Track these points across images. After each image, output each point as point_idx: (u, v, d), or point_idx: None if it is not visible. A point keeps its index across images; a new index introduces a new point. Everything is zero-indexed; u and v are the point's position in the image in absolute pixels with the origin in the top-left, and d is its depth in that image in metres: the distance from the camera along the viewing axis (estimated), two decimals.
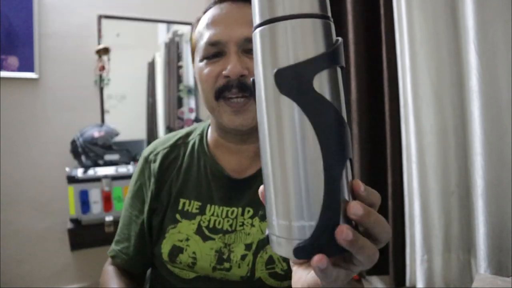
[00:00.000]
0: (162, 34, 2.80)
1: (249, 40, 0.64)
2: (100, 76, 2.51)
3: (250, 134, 0.71)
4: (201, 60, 0.68)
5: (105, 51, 2.47)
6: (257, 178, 0.73)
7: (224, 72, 0.65)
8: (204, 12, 0.72)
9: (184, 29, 2.67)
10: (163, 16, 2.60)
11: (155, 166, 0.78)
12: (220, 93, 0.66)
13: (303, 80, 0.30)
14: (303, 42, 0.30)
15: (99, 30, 2.51)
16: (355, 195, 0.33)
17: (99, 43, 2.50)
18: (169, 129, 2.67)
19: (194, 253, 0.71)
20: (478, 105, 0.89)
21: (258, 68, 0.32)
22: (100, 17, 2.51)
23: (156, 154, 0.79)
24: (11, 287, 2.19)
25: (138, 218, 0.78)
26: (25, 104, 2.33)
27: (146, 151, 0.82)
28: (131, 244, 0.79)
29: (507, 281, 0.67)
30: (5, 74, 2.24)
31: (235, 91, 0.65)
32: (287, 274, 0.69)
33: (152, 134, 2.71)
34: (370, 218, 0.32)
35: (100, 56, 2.48)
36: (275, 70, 0.30)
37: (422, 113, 1.05)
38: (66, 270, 2.38)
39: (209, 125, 0.81)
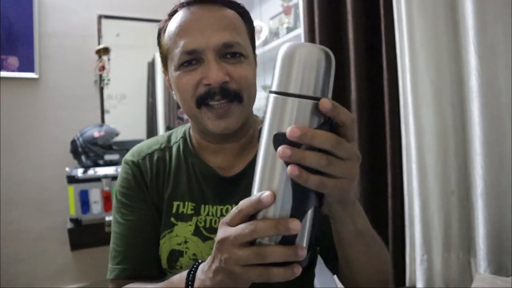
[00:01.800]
0: None
1: (226, 46, 0.63)
2: (100, 76, 2.51)
3: (231, 137, 0.70)
4: (177, 69, 0.66)
5: (105, 51, 2.47)
6: (246, 174, 0.72)
7: (205, 81, 0.63)
8: (170, 15, 0.69)
9: None
10: (163, 16, 2.59)
11: (146, 169, 0.76)
12: (202, 101, 0.64)
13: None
14: (297, 117, 0.39)
15: (99, 30, 2.51)
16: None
17: (99, 43, 2.50)
18: (169, 129, 2.67)
19: (194, 254, 0.70)
20: (478, 105, 0.89)
21: (265, 124, 0.41)
22: (100, 17, 2.51)
23: (144, 158, 0.77)
24: (11, 287, 2.19)
25: (145, 220, 0.74)
26: (25, 104, 2.33)
27: (130, 156, 0.79)
28: (143, 250, 0.73)
29: (507, 281, 0.67)
30: (5, 74, 2.24)
31: (219, 97, 0.64)
32: None
33: (152, 134, 2.71)
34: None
35: (100, 56, 2.48)
36: (274, 133, 0.40)
37: (422, 113, 1.05)
38: (66, 270, 2.39)
39: (190, 127, 0.79)
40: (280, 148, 0.38)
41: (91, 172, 2.18)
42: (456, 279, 1.04)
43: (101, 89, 2.53)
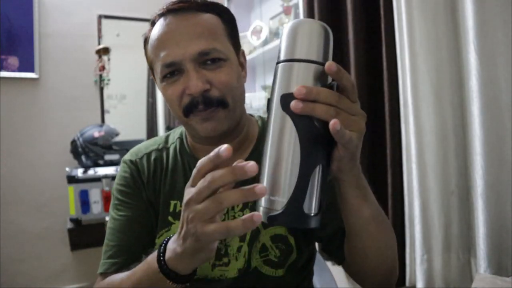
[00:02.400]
0: None
1: (203, 53, 0.64)
2: (100, 76, 2.51)
3: (223, 137, 0.71)
4: (161, 81, 0.68)
5: (105, 51, 2.47)
6: None
7: (187, 92, 0.65)
8: (151, 24, 0.71)
9: None
10: None
11: (143, 168, 0.77)
12: (188, 111, 0.66)
13: None
14: (303, 79, 0.44)
15: (99, 30, 2.51)
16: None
17: (99, 43, 2.50)
18: (169, 129, 2.67)
19: None
20: (478, 105, 0.89)
21: (274, 91, 0.46)
22: (100, 17, 2.51)
23: (141, 158, 0.78)
24: (11, 287, 2.19)
25: (140, 216, 0.74)
26: (25, 104, 2.33)
27: (129, 156, 0.80)
28: (134, 245, 0.73)
29: (507, 281, 0.67)
30: (5, 74, 2.24)
31: (202, 107, 0.65)
32: (280, 262, 0.71)
33: (152, 134, 2.71)
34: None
35: (100, 56, 2.48)
36: (281, 94, 0.44)
37: (422, 113, 1.05)
38: (66, 270, 2.39)
39: None
40: (292, 102, 0.41)
41: (91, 172, 2.18)
42: (456, 279, 1.04)
43: (101, 89, 2.54)
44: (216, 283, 0.71)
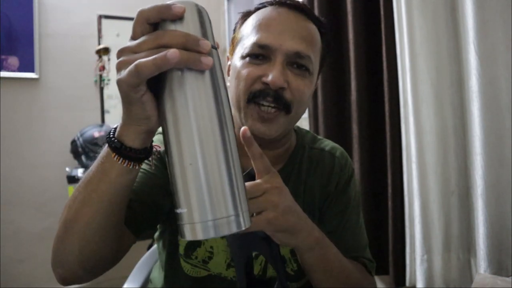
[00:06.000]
0: None
1: (298, 55, 0.64)
2: (100, 76, 2.51)
3: (266, 144, 0.69)
4: (243, 57, 0.66)
5: (105, 51, 2.47)
6: None
7: (264, 79, 0.63)
8: (257, 8, 0.70)
9: None
10: None
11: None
12: (254, 97, 0.64)
13: None
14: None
15: (99, 30, 2.51)
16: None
17: (99, 43, 2.50)
18: None
19: (211, 247, 0.72)
20: (478, 105, 0.89)
21: None
22: (100, 17, 2.51)
23: None
24: (11, 287, 2.19)
25: (154, 175, 0.65)
26: (25, 104, 2.33)
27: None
28: (142, 195, 0.63)
29: (507, 281, 0.67)
30: (5, 74, 2.24)
31: (270, 100, 0.63)
32: (298, 275, 0.71)
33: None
34: None
35: (100, 56, 2.48)
36: None
37: (422, 113, 1.05)
38: None
39: None
40: None
41: None
42: (456, 279, 1.04)
43: (101, 89, 2.53)
44: (229, 283, 0.72)
